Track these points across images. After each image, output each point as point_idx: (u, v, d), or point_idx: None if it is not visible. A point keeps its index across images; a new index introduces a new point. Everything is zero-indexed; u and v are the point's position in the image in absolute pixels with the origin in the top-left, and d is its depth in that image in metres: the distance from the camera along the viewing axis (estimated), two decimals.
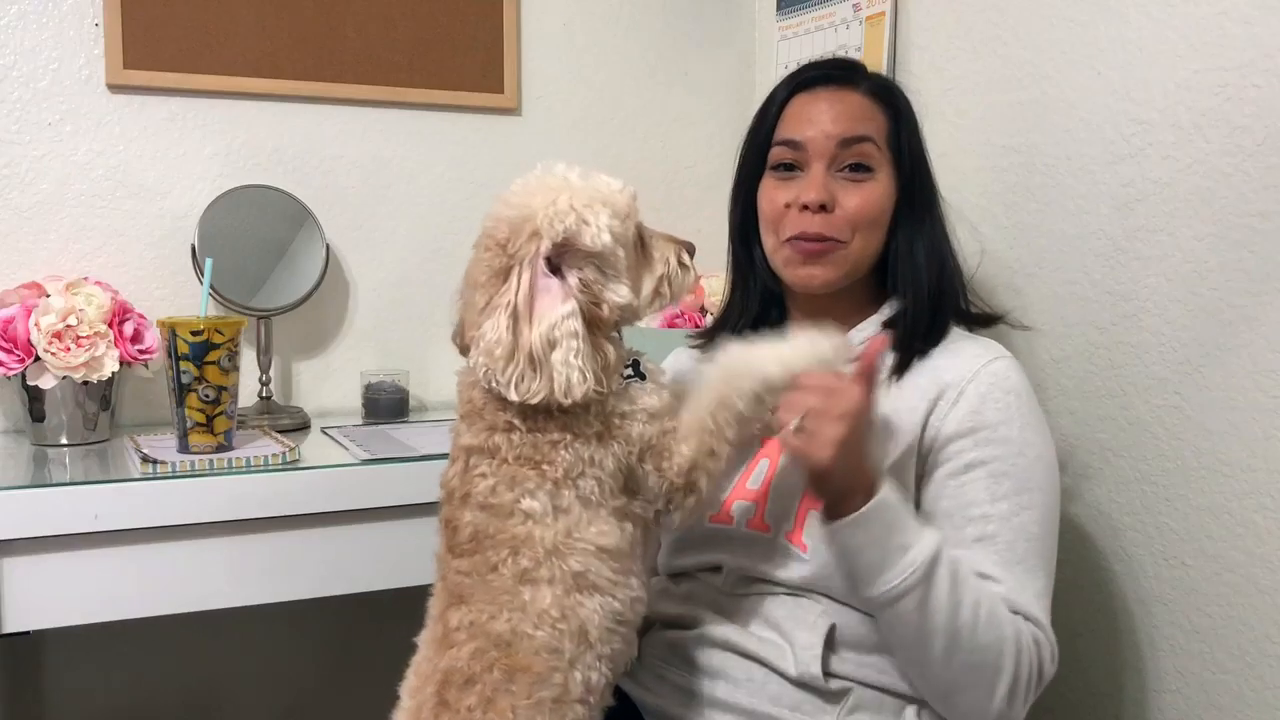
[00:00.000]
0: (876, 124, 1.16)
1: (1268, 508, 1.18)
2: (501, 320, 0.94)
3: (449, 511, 1.00)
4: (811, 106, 1.17)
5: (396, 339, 1.82)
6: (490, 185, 1.85)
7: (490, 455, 0.97)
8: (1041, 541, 1.07)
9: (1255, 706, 1.20)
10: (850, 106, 1.16)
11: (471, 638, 0.96)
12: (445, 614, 0.98)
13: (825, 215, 1.14)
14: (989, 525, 1.06)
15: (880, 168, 1.15)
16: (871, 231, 1.15)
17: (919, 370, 1.14)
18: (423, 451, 1.43)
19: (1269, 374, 1.17)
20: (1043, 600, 1.07)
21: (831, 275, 1.16)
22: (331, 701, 1.89)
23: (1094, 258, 1.37)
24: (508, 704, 0.94)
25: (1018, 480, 1.07)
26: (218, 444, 1.36)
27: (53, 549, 1.23)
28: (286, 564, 1.34)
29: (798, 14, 1.90)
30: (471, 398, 1.00)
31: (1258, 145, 1.18)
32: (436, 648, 0.98)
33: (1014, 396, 1.10)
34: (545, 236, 0.95)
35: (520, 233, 0.96)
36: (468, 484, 0.98)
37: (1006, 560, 1.05)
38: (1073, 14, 1.39)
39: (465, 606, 0.97)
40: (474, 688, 0.95)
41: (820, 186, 1.14)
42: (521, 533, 0.96)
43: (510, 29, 1.83)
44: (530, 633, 0.95)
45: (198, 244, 1.61)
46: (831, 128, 1.14)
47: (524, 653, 0.95)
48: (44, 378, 1.44)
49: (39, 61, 1.58)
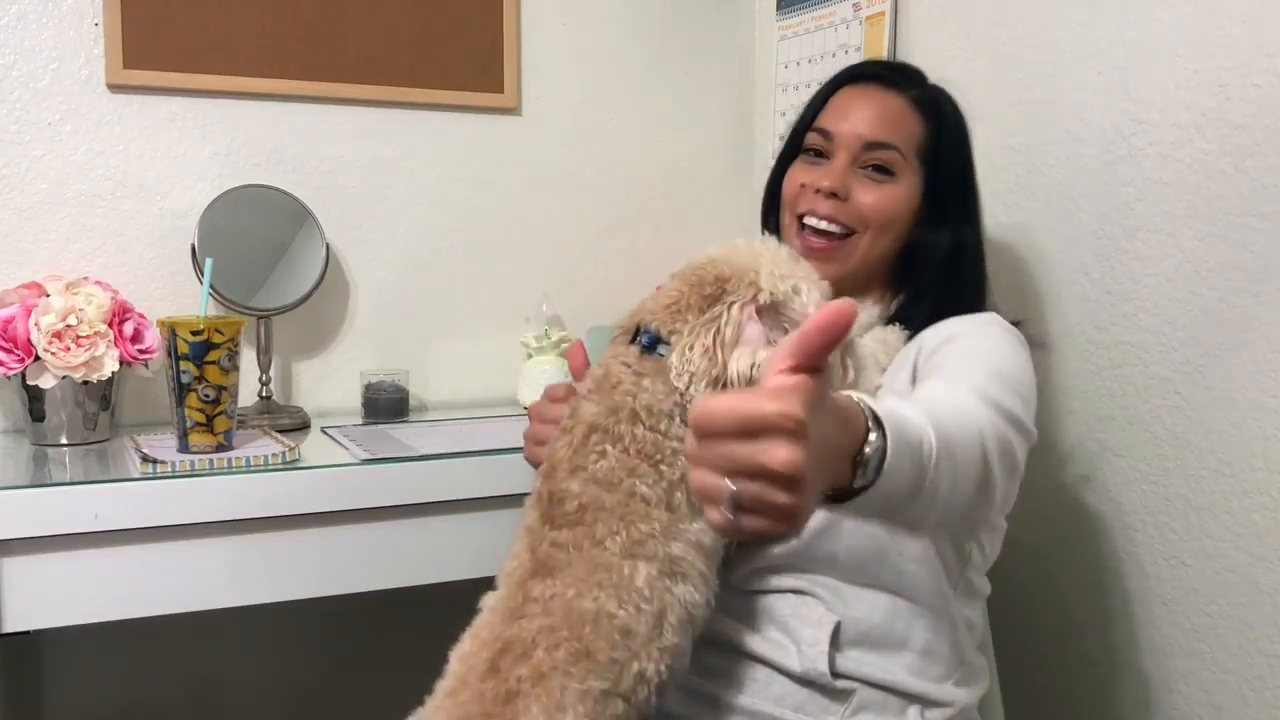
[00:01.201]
0: (909, 132, 1.17)
1: (1268, 508, 1.18)
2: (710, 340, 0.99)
3: (552, 484, 1.00)
4: (852, 101, 1.20)
5: (396, 339, 1.82)
6: (490, 185, 1.86)
7: (614, 440, 1.00)
8: (1009, 379, 0.99)
9: (1255, 706, 1.20)
10: (887, 110, 1.18)
11: (547, 613, 0.96)
12: (526, 583, 0.98)
13: (837, 202, 1.16)
14: (954, 375, 0.99)
15: (904, 174, 1.17)
16: (883, 232, 1.17)
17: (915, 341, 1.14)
18: (423, 451, 1.43)
19: (1269, 374, 1.17)
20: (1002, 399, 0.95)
21: (842, 270, 1.17)
22: (331, 701, 1.89)
23: (1094, 257, 1.37)
24: (558, 684, 0.94)
25: (985, 352, 1.03)
26: (218, 444, 1.36)
27: (52, 549, 1.23)
28: (286, 564, 1.34)
29: (797, 13, 1.90)
30: (611, 370, 1.03)
31: (1257, 145, 1.18)
32: (505, 616, 0.98)
33: (995, 325, 1.10)
34: (765, 289, 1.01)
35: (742, 278, 1.02)
36: (582, 457, 1.00)
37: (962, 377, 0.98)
38: (1073, 14, 1.39)
39: (553, 579, 0.97)
40: (529, 660, 0.95)
41: (837, 175, 1.16)
42: (638, 509, 0.98)
43: (510, 29, 1.83)
44: (614, 612, 0.96)
45: (198, 244, 1.61)
46: (862, 127, 1.17)
47: (598, 635, 0.95)
48: (44, 377, 1.44)
49: (39, 61, 1.58)
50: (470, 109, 1.83)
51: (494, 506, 1.41)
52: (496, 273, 1.87)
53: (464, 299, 1.85)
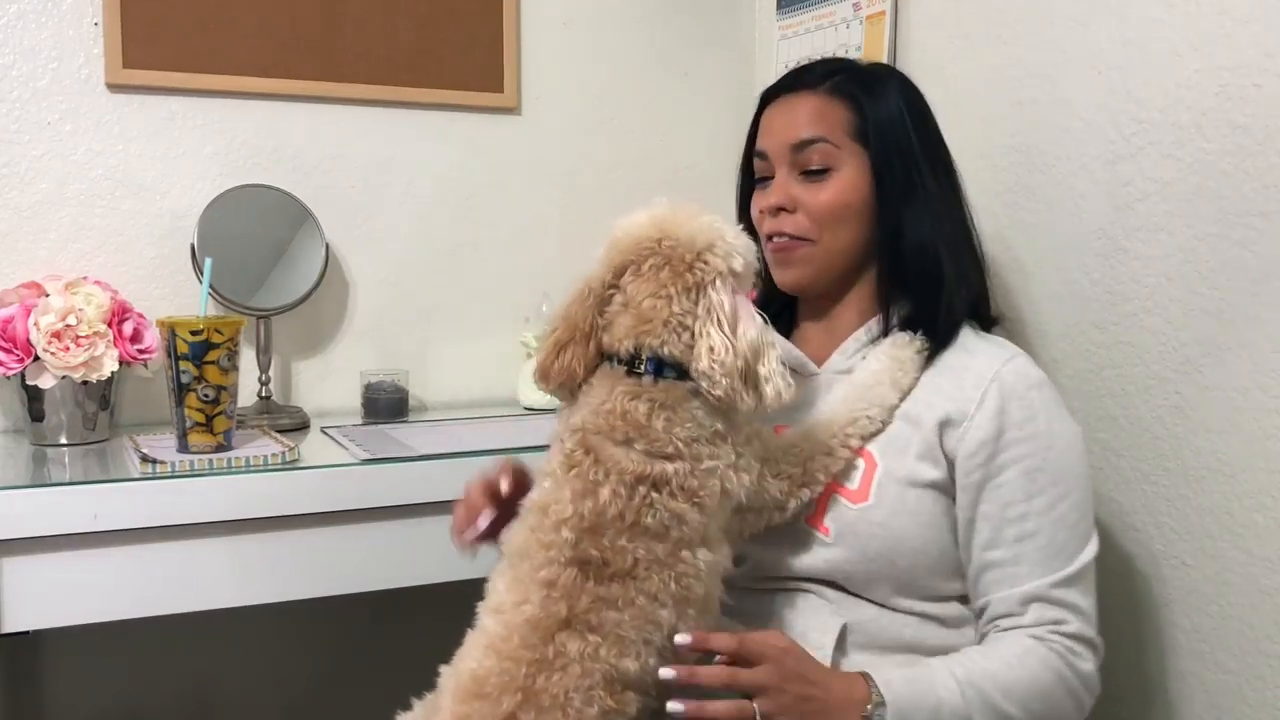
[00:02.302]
0: (834, 120, 1.16)
1: (1268, 507, 1.18)
2: (722, 333, 0.97)
3: (599, 542, 0.94)
4: (770, 118, 1.21)
5: (396, 339, 1.82)
6: (490, 185, 1.86)
7: (659, 485, 0.95)
8: (1079, 525, 1.10)
9: (1256, 706, 1.20)
10: (804, 110, 1.17)
11: (585, 673, 0.92)
12: (557, 636, 0.93)
13: (786, 215, 1.16)
14: (1028, 523, 1.08)
15: (842, 163, 1.15)
16: (840, 226, 1.15)
17: (935, 369, 1.13)
18: (422, 451, 1.43)
19: (1269, 373, 1.17)
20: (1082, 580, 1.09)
21: (802, 275, 1.17)
22: (331, 701, 1.89)
23: (1094, 257, 1.37)
24: None
25: (1051, 473, 1.08)
26: (217, 444, 1.36)
27: (52, 549, 1.23)
28: (286, 564, 1.34)
29: (798, 13, 1.90)
30: (629, 411, 0.97)
31: (1258, 145, 1.18)
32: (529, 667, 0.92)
33: (1035, 391, 1.11)
34: (736, 256, 1.00)
35: (713, 251, 0.99)
36: (634, 512, 0.94)
37: (1047, 555, 1.08)
38: (1073, 13, 1.39)
39: (594, 635, 0.93)
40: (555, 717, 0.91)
41: (779, 190, 1.17)
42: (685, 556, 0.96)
43: (510, 28, 1.83)
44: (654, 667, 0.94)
45: (197, 243, 1.61)
46: (784, 135, 1.17)
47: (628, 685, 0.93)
48: (43, 377, 1.44)
49: (38, 61, 1.58)
50: (470, 109, 1.83)
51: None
52: (496, 273, 1.87)
53: (464, 299, 1.85)
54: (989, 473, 1.08)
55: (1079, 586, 1.09)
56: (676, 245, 0.99)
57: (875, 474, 1.10)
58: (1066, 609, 1.07)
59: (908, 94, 1.19)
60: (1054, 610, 1.07)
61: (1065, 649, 1.06)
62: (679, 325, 0.97)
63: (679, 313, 0.97)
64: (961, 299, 1.17)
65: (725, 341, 0.96)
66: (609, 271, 1.01)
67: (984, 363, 1.12)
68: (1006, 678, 1.04)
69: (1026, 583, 1.07)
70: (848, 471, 1.11)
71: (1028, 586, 1.07)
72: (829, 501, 1.10)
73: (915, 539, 1.08)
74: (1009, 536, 1.08)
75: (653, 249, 0.99)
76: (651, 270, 0.99)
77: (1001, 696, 1.03)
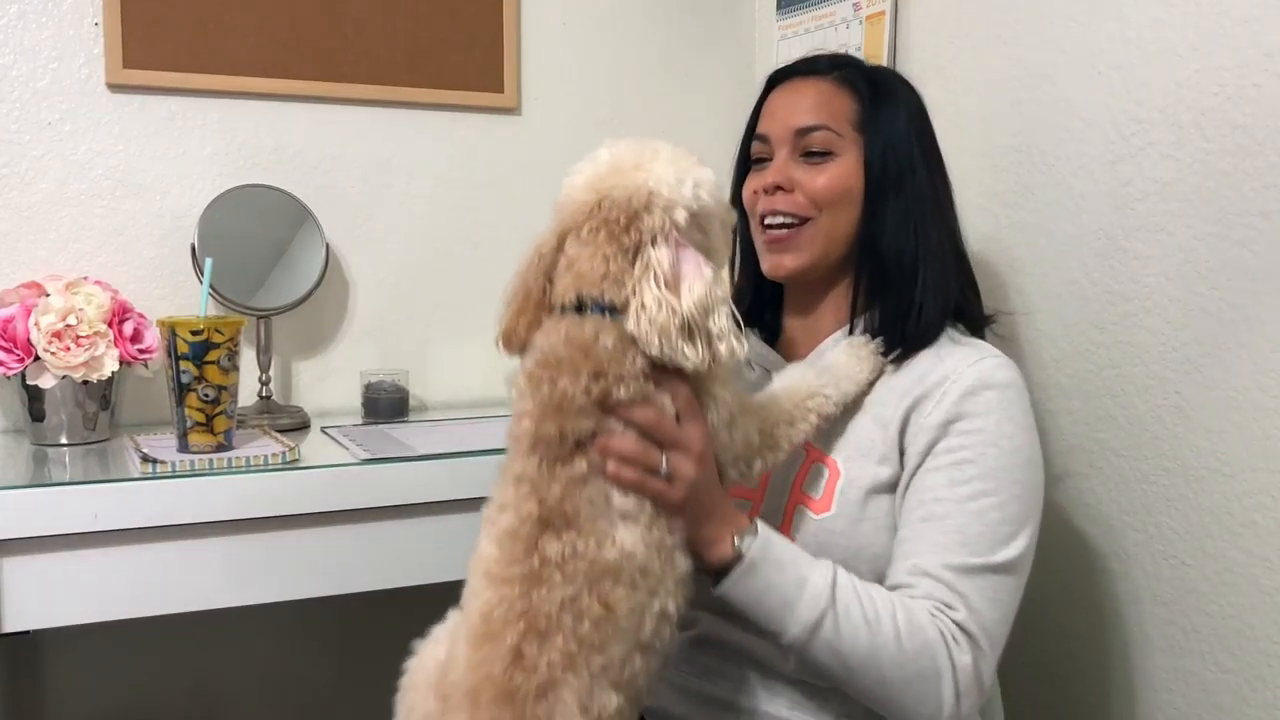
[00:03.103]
0: (838, 108, 1.16)
1: (1268, 507, 1.18)
2: (658, 291, 0.94)
3: (557, 419, 0.94)
4: (776, 100, 1.20)
5: (396, 339, 1.82)
6: (490, 185, 1.86)
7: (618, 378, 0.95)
8: (1000, 527, 1.03)
9: (1256, 706, 1.20)
10: (809, 97, 1.17)
11: (567, 579, 0.91)
12: (539, 542, 0.92)
13: (784, 194, 1.15)
14: (939, 507, 1.03)
15: (845, 150, 1.15)
16: (839, 209, 1.14)
17: (902, 372, 1.12)
18: (423, 451, 1.43)
19: (1269, 373, 1.17)
20: (985, 581, 1.01)
21: (801, 260, 1.15)
22: (332, 701, 1.89)
23: (1094, 257, 1.37)
24: (584, 662, 0.90)
25: (981, 468, 1.04)
26: (217, 443, 1.36)
27: (52, 549, 1.23)
28: (286, 564, 1.34)
29: (798, 13, 1.90)
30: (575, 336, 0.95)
31: (1258, 145, 1.18)
32: (520, 586, 0.92)
33: (996, 392, 1.07)
34: (679, 207, 0.96)
35: (643, 201, 0.96)
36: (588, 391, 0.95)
37: (952, 540, 1.02)
38: (1073, 13, 1.39)
39: (570, 531, 0.92)
40: (554, 642, 0.90)
41: (778, 170, 1.16)
42: None
43: (510, 28, 1.83)
44: (633, 551, 0.93)
45: (197, 243, 1.61)
46: (789, 118, 1.16)
47: (618, 583, 0.92)
48: (44, 377, 1.44)
49: (38, 61, 1.58)
50: (470, 109, 1.83)
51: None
52: (496, 273, 1.84)
53: (464, 299, 1.85)
54: (921, 462, 1.06)
55: (978, 582, 1.01)
56: (613, 207, 0.96)
57: (838, 483, 1.09)
58: (957, 596, 1.00)
59: (912, 99, 1.20)
60: (944, 591, 1.01)
61: (947, 630, 0.99)
62: (615, 282, 0.95)
63: (615, 272, 0.95)
64: (935, 305, 1.14)
65: (659, 298, 0.93)
66: (554, 237, 1.01)
67: (952, 365, 1.10)
68: (884, 611, 0.98)
69: (921, 558, 1.02)
70: (814, 481, 1.10)
71: (920, 560, 1.02)
72: (794, 513, 1.10)
73: (875, 545, 1.07)
74: (916, 517, 1.04)
75: (590, 212, 0.97)
76: (590, 234, 0.97)
77: (866, 621, 0.97)
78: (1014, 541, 1.03)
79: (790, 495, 1.12)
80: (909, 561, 1.03)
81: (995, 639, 1.02)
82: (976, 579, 1.01)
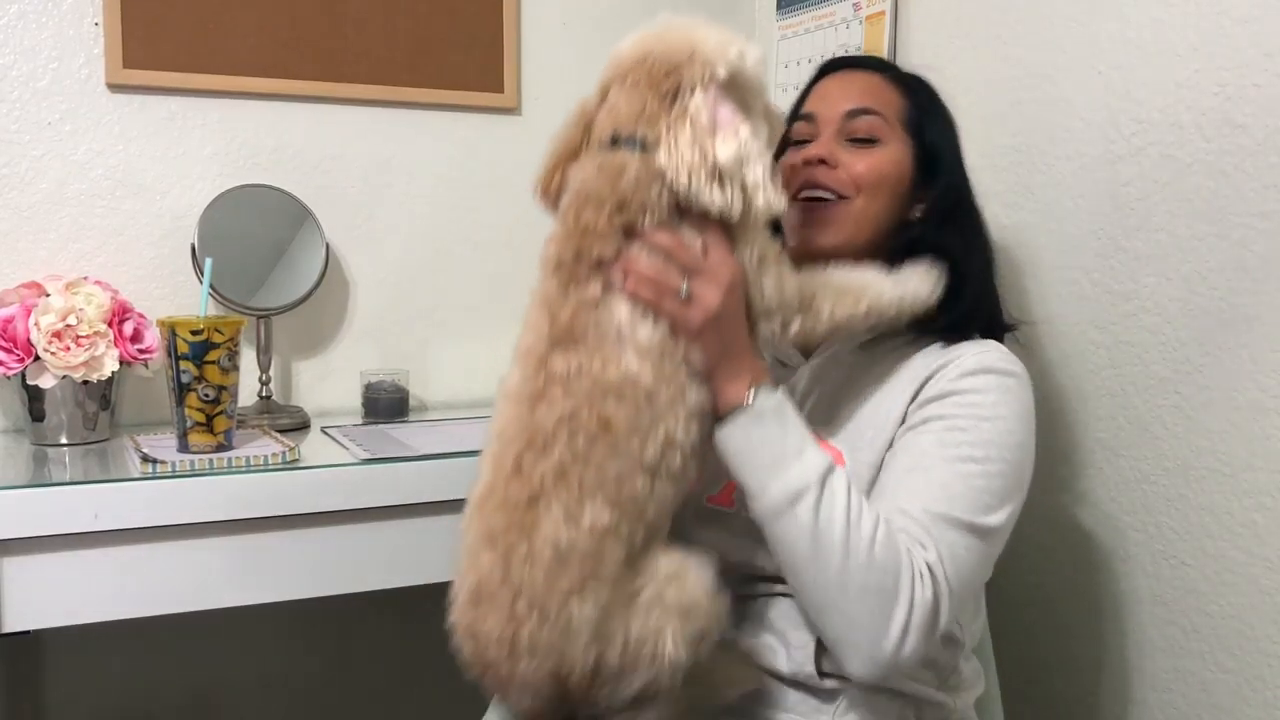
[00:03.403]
0: (887, 100, 1.18)
1: (1268, 507, 1.18)
2: (691, 132, 0.96)
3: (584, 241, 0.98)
4: (827, 85, 1.22)
5: (396, 339, 1.82)
6: (490, 184, 1.86)
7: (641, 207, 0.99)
8: (983, 494, 1.00)
9: (1255, 706, 1.20)
10: (861, 84, 1.20)
11: (568, 394, 0.95)
12: (548, 359, 0.96)
13: (827, 169, 1.15)
14: (926, 460, 1.02)
15: (890, 140, 1.16)
16: (877, 193, 1.14)
17: (917, 361, 1.12)
18: (423, 451, 1.43)
19: (1269, 373, 1.17)
20: (962, 534, 0.99)
21: (834, 238, 1.14)
22: (331, 701, 1.89)
23: (1094, 257, 1.37)
24: (577, 476, 0.93)
25: (971, 436, 1.02)
26: (217, 443, 1.36)
27: (52, 548, 1.23)
28: (286, 564, 1.34)
29: (797, 13, 1.90)
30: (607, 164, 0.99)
31: (1258, 145, 1.18)
32: (528, 403, 0.96)
33: (995, 376, 1.07)
34: (720, 64, 0.99)
35: (689, 60, 0.99)
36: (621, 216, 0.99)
37: (931, 490, 1.00)
38: (1073, 13, 1.39)
39: (577, 347, 0.96)
40: (550, 455, 0.94)
41: (824, 144, 1.16)
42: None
43: (510, 28, 1.83)
44: (637, 373, 0.95)
45: (197, 243, 1.61)
46: (840, 101, 1.18)
47: (620, 404, 0.94)
48: (44, 377, 1.44)
49: (38, 61, 1.58)
50: (470, 109, 1.83)
51: None
52: (496, 272, 1.87)
53: (464, 299, 1.85)
54: (913, 423, 1.06)
55: (954, 535, 0.98)
56: (657, 61, 1.00)
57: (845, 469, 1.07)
58: (931, 538, 0.98)
59: (943, 106, 1.22)
60: (919, 530, 0.98)
61: (918, 563, 0.96)
62: (651, 121, 0.99)
63: (651, 113, 0.99)
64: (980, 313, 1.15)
65: (692, 139, 0.96)
66: (598, 92, 1.05)
67: (957, 352, 1.10)
68: (868, 517, 0.96)
69: (903, 501, 1.00)
70: None
71: (901, 502, 1.00)
72: None
73: None
74: (901, 466, 1.03)
75: (635, 66, 1.01)
76: (631, 85, 1.01)
77: (847, 513, 0.95)
78: (994, 513, 1.01)
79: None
80: (889, 502, 1.01)
81: (957, 593, 0.98)
82: (953, 531, 0.99)
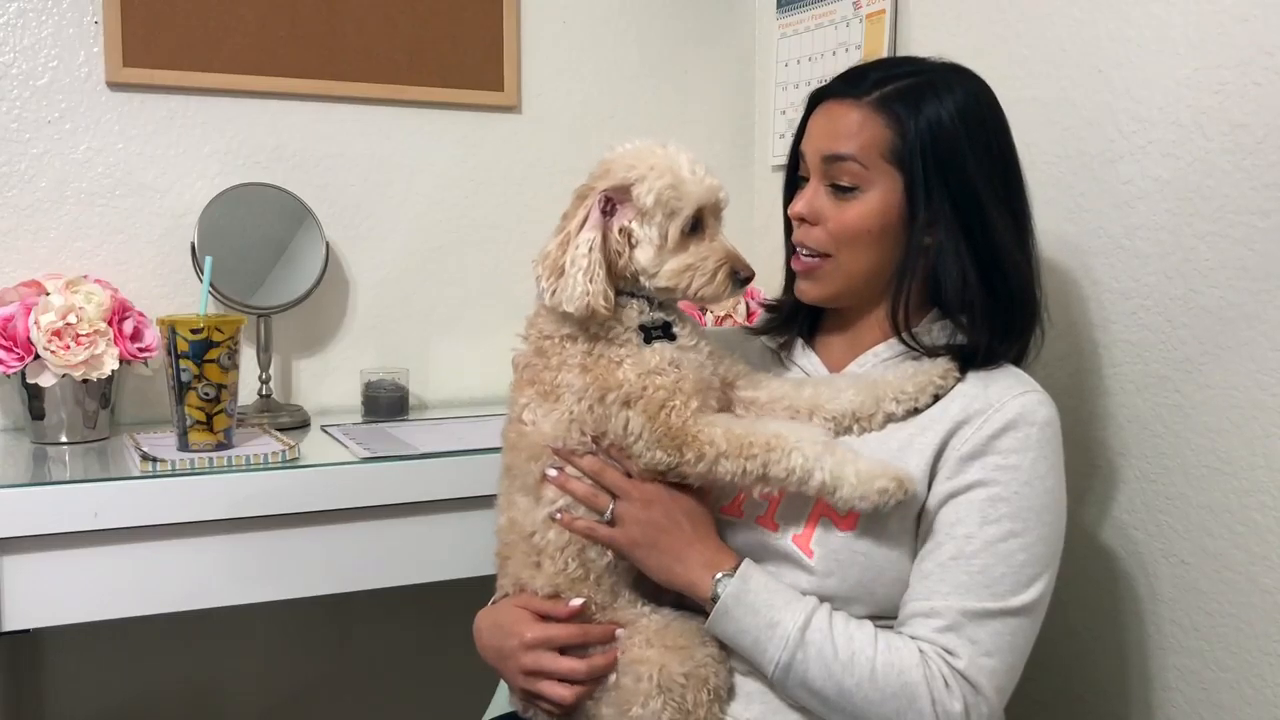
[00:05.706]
0: (868, 138, 1.10)
1: (1268, 506, 1.18)
2: (557, 238, 1.11)
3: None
4: (813, 123, 1.17)
5: (396, 337, 1.82)
6: (490, 183, 1.86)
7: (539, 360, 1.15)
8: (1024, 569, 1.03)
9: (1256, 705, 1.20)
10: (841, 123, 1.12)
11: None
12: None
13: (808, 227, 1.14)
14: (969, 545, 1.03)
15: (871, 185, 1.11)
16: (857, 247, 1.12)
17: (952, 394, 1.10)
18: (422, 449, 1.43)
19: (1269, 372, 1.17)
20: (1003, 624, 1.02)
21: (822, 291, 1.15)
22: (331, 700, 1.89)
23: (1094, 256, 1.37)
24: None
25: (1012, 506, 1.04)
26: (217, 442, 1.36)
27: (52, 547, 1.23)
28: (286, 562, 1.34)
29: (797, 11, 1.90)
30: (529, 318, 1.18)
31: (1258, 143, 1.18)
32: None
33: (1035, 429, 1.07)
34: (611, 179, 1.10)
35: (604, 176, 1.11)
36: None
37: (975, 582, 1.02)
38: (1073, 12, 1.39)
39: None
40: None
41: (806, 200, 1.15)
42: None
43: (510, 27, 1.83)
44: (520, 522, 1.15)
45: (197, 242, 1.61)
46: (819, 144, 1.14)
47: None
48: (44, 376, 1.44)
49: (39, 59, 1.58)
50: (470, 107, 1.83)
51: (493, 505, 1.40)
52: (496, 271, 1.87)
53: (464, 298, 1.85)
54: (956, 486, 1.05)
55: (994, 626, 1.02)
56: (595, 177, 1.12)
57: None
58: (966, 642, 1.01)
59: (970, 108, 1.12)
60: (951, 637, 1.01)
61: (940, 676, 1.00)
62: (561, 227, 1.13)
63: (567, 215, 1.13)
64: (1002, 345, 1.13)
65: (550, 247, 1.10)
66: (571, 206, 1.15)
67: (996, 393, 1.08)
68: (862, 653, 1.01)
69: (939, 599, 1.03)
70: None
71: (937, 602, 1.02)
72: (818, 523, 1.09)
73: (895, 568, 1.06)
74: (945, 553, 1.04)
75: (590, 186, 1.12)
76: (576, 199, 1.13)
77: (839, 660, 1.01)
78: (1034, 585, 1.04)
79: (816, 504, 1.09)
80: (926, 603, 1.03)
81: (1002, 684, 1.02)
82: (992, 623, 1.02)
